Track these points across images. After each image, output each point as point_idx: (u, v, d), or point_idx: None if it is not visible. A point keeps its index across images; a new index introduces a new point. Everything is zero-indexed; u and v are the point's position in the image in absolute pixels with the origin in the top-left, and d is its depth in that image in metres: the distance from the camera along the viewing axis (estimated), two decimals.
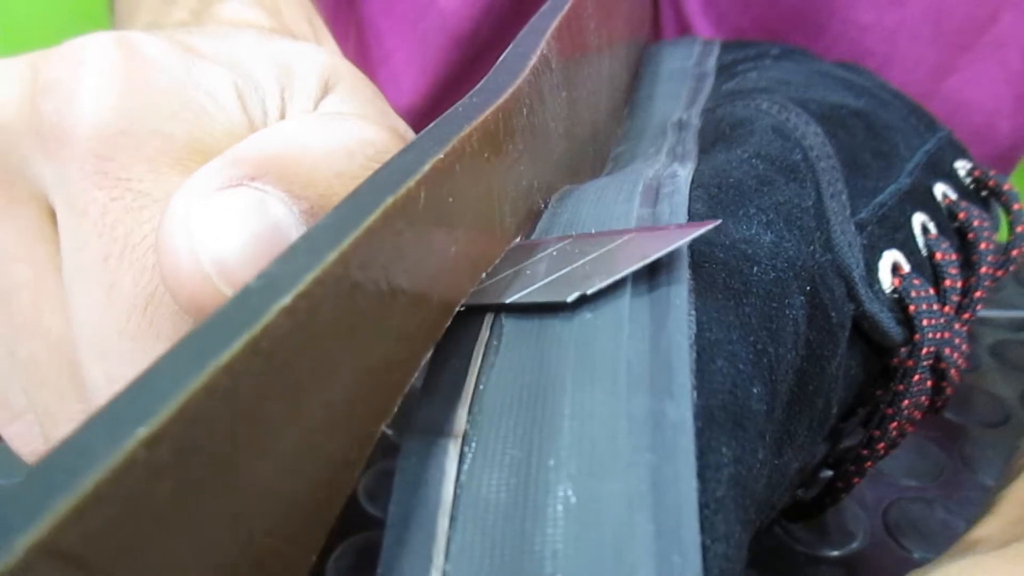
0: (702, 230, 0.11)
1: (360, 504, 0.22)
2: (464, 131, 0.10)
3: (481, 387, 0.10)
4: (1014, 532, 0.14)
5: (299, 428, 0.08)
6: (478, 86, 0.12)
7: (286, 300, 0.07)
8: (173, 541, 0.07)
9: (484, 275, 0.12)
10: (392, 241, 0.09)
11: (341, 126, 0.12)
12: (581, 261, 0.11)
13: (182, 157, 0.11)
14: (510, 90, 0.12)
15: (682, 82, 0.22)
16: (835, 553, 0.20)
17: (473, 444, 0.10)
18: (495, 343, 0.11)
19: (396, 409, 0.10)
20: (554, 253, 0.11)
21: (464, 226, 0.11)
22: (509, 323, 0.11)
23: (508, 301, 0.11)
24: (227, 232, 0.09)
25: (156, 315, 0.11)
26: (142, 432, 0.06)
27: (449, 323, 0.11)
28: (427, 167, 0.10)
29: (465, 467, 0.09)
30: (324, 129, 0.12)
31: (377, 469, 0.23)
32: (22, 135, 0.11)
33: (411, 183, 0.09)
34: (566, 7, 0.15)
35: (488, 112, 0.11)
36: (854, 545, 0.21)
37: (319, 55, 0.14)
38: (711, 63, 0.22)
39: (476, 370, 0.10)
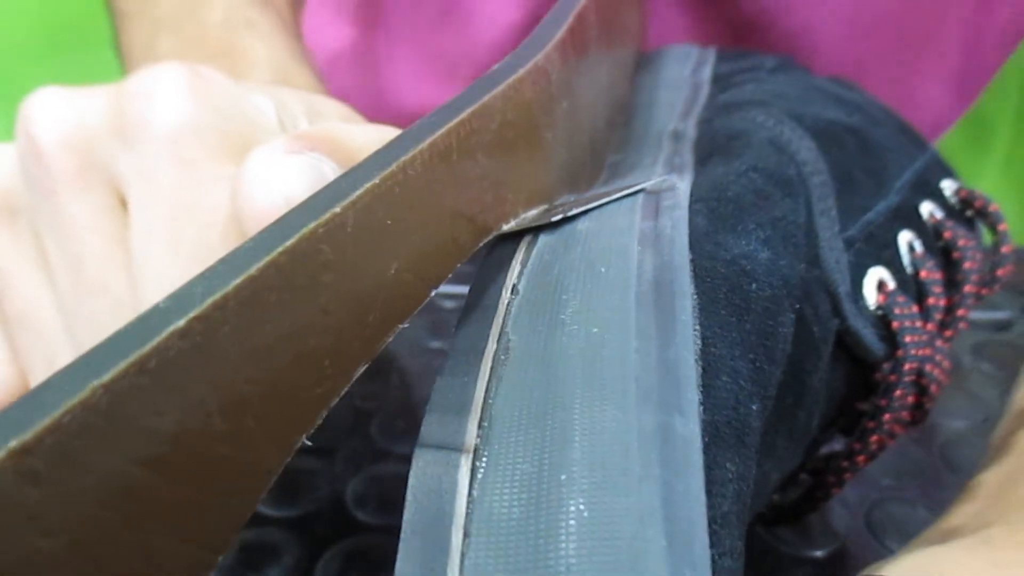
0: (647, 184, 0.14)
1: (348, 509, 0.22)
2: (408, 154, 0.11)
3: (490, 401, 0.10)
4: (984, 519, 0.14)
5: (197, 439, 0.08)
6: (444, 103, 0.12)
7: (180, 323, 0.08)
8: (48, 543, 0.07)
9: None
10: (316, 264, 0.10)
11: (374, 126, 0.16)
12: (563, 203, 0.13)
13: (234, 149, 0.14)
14: (471, 108, 0.12)
15: (678, 91, 0.22)
16: (818, 553, 0.21)
17: (484, 459, 0.10)
18: (502, 357, 0.11)
19: (320, 421, 0.10)
20: (546, 207, 0.13)
21: (407, 245, 0.11)
22: (516, 337, 0.11)
23: (505, 230, 0.13)
24: (293, 180, 0.13)
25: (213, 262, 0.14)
26: (13, 443, 0.07)
27: (388, 339, 0.11)
28: (358, 192, 0.10)
29: (477, 482, 0.10)
30: (361, 126, 0.15)
31: (365, 475, 0.23)
32: (104, 134, 0.14)
33: (337, 208, 0.10)
34: (571, 17, 0.16)
35: (438, 134, 0.11)
36: (837, 545, 0.21)
37: (340, 104, 0.18)
38: (706, 73, 0.22)
39: (485, 384, 0.10)
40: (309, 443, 0.10)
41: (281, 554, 0.21)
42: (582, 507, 0.09)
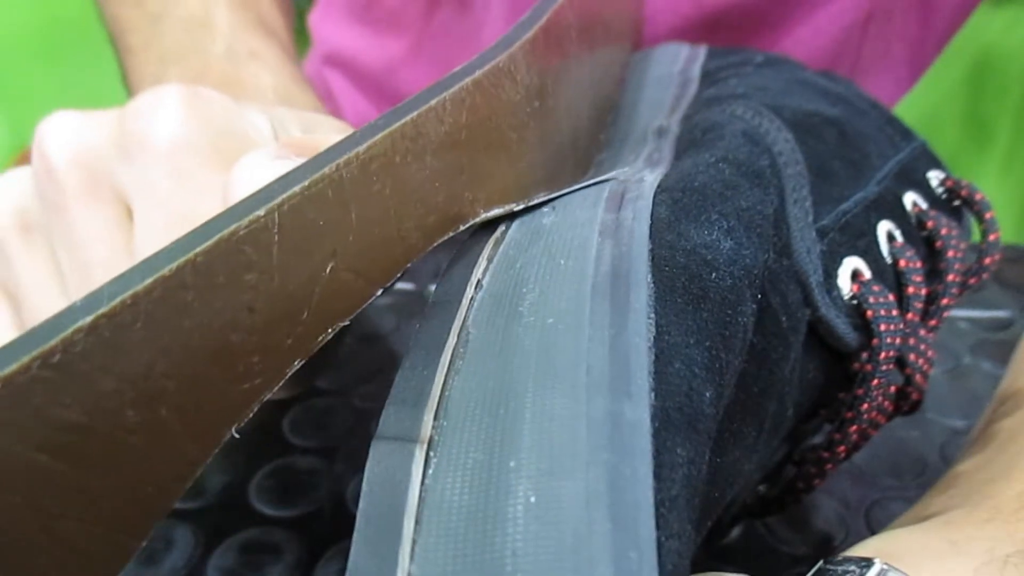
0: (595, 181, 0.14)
1: (348, 509, 0.22)
2: (343, 158, 0.11)
3: (447, 393, 0.10)
4: (951, 504, 0.14)
5: (108, 429, 0.09)
6: (391, 108, 0.12)
7: (86, 320, 0.08)
8: None
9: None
10: (238, 264, 0.10)
11: None
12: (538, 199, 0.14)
13: (229, 162, 0.15)
14: (416, 112, 0.12)
15: (666, 88, 0.22)
16: (819, 553, 0.20)
17: (438, 449, 0.10)
18: (461, 350, 0.11)
19: (251, 414, 0.10)
20: (516, 204, 0.14)
21: (344, 245, 0.11)
22: (475, 330, 0.11)
23: (465, 225, 0.13)
24: None
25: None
26: None
27: (327, 336, 0.11)
28: (284, 195, 0.10)
29: (430, 471, 0.10)
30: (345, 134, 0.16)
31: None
32: (110, 151, 0.16)
33: (260, 211, 0.10)
34: (544, 18, 0.16)
35: (377, 138, 0.11)
36: (837, 545, 0.21)
37: (336, 120, 0.19)
38: (696, 69, 0.22)
39: (443, 377, 0.11)
40: (237, 435, 0.10)
41: (281, 554, 0.21)
42: (529, 492, 0.09)
